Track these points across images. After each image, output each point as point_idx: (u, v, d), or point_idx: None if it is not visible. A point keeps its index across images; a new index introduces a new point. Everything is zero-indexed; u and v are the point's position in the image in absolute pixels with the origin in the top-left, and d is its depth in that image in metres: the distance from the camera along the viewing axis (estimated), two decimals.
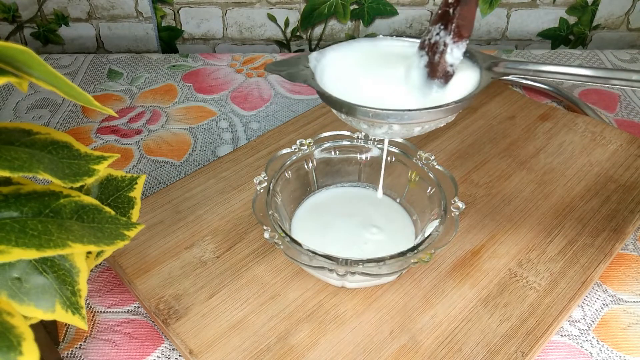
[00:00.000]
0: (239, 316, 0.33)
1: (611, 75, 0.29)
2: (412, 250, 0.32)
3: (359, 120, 0.31)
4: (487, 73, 0.32)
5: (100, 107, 0.22)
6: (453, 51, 0.30)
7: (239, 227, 0.39)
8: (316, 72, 0.32)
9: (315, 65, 0.33)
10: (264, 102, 0.55)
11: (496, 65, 0.32)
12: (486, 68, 0.32)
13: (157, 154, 0.49)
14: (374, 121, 0.30)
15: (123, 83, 0.58)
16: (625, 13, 0.66)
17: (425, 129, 0.32)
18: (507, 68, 0.32)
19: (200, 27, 0.66)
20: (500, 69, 0.32)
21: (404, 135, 0.32)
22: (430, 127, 0.32)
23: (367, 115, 0.29)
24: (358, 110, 0.29)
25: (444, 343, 0.32)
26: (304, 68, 0.32)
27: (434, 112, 0.29)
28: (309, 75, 0.32)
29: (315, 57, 0.33)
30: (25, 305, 0.22)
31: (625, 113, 0.55)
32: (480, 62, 0.32)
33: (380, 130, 0.31)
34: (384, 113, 0.29)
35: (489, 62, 0.32)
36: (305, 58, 0.33)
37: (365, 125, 0.31)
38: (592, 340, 0.35)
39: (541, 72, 0.31)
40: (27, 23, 0.65)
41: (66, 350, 0.34)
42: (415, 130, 0.31)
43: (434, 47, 0.30)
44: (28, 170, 0.21)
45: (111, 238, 0.24)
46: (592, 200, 0.41)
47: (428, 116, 0.29)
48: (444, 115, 0.30)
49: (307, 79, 0.32)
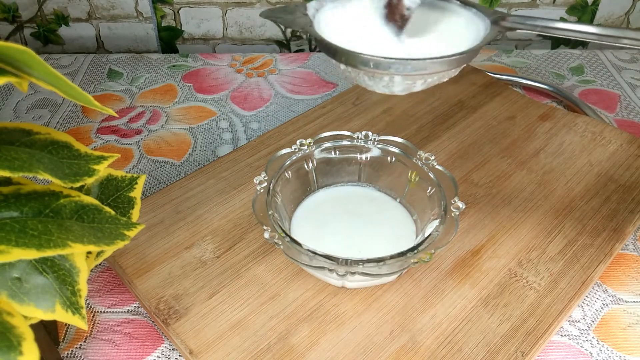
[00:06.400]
0: (239, 316, 0.33)
1: (621, 34, 0.28)
2: (412, 250, 0.32)
3: (358, 71, 0.29)
4: (493, 27, 0.30)
5: (100, 107, 0.22)
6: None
7: (239, 227, 0.39)
8: (314, 20, 0.31)
9: (314, 13, 0.32)
10: (264, 102, 0.55)
11: (503, 20, 0.31)
12: (493, 22, 0.31)
13: (157, 154, 0.49)
14: (375, 72, 0.28)
15: (123, 83, 0.58)
16: (625, 13, 0.66)
17: (428, 82, 0.30)
18: (515, 22, 0.30)
19: (200, 27, 0.66)
20: (507, 23, 0.30)
21: (406, 89, 0.30)
22: (434, 80, 0.30)
23: (367, 64, 0.28)
24: (358, 58, 0.28)
25: (444, 343, 0.32)
26: (301, 15, 0.31)
27: (439, 63, 0.28)
28: (307, 23, 0.30)
29: (314, 6, 0.32)
30: (25, 305, 0.22)
31: (625, 113, 0.55)
32: (486, 16, 0.31)
33: (381, 83, 0.30)
34: (386, 62, 0.28)
35: (495, 16, 0.31)
36: (304, 6, 0.32)
37: (366, 76, 0.30)
38: (592, 340, 0.35)
39: (549, 28, 0.30)
40: (27, 23, 0.65)
41: (66, 350, 0.34)
42: (417, 84, 0.30)
43: None
44: (28, 170, 0.21)
45: (111, 238, 0.24)
46: (592, 200, 0.41)
47: (432, 67, 0.28)
48: (448, 67, 0.29)
49: (305, 26, 0.30)
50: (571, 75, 0.60)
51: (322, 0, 0.33)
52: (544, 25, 0.30)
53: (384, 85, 0.30)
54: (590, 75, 0.60)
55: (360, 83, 0.31)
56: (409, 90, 0.31)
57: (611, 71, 0.61)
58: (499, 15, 0.31)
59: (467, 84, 0.53)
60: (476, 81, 0.54)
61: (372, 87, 0.31)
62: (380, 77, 0.29)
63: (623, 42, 0.28)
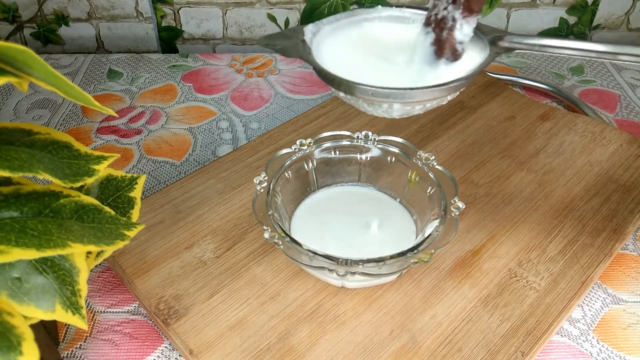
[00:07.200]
0: (239, 316, 0.33)
1: (619, 51, 0.28)
2: (412, 250, 0.32)
3: (357, 98, 0.29)
4: (491, 48, 0.30)
5: (100, 107, 0.22)
6: (463, 27, 0.28)
7: (239, 227, 0.39)
8: (312, 45, 0.31)
9: (312, 38, 0.31)
10: (264, 102, 0.55)
11: (501, 40, 0.30)
12: (490, 42, 0.30)
13: (157, 154, 0.49)
14: (374, 99, 0.28)
15: (123, 83, 0.58)
16: (625, 13, 0.66)
17: (427, 107, 0.30)
18: (513, 42, 0.30)
19: (200, 27, 0.66)
20: (505, 43, 0.30)
21: (406, 113, 0.30)
22: (432, 105, 0.30)
23: (366, 93, 0.28)
24: (357, 89, 0.28)
25: (444, 343, 0.32)
26: (299, 42, 0.30)
27: (436, 91, 0.28)
28: (305, 50, 0.30)
29: (311, 30, 0.31)
30: (25, 305, 0.22)
31: (625, 113, 0.55)
32: (484, 34, 0.31)
33: (380, 108, 0.30)
34: (384, 92, 0.28)
35: (493, 36, 0.30)
36: (301, 31, 0.31)
37: (365, 103, 0.30)
38: (592, 340, 0.35)
39: (547, 47, 0.29)
40: (27, 23, 0.65)
41: (66, 350, 0.34)
42: (416, 109, 0.30)
43: (441, 22, 0.28)
44: (28, 170, 0.21)
45: (111, 238, 0.24)
46: (592, 200, 0.41)
47: (430, 95, 0.28)
48: (446, 93, 0.29)
49: (303, 55, 0.30)
50: (571, 75, 0.60)
51: (320, 24, 0.32)
52: (542, 44, 0.29)
53: (383, 111, 0.30)
54: (590, 75, 0.60)
55: (360, 108, 0.31)
56: (408, 115, 0.31)
57: (611, 71, 0.61)
58: (497, 34, 0.30)
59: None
60: (476, 81, 0.54)
61: (371, 112, 0.31)
62: (380, 104, 0.29)
63: (621, 58, 0.28)
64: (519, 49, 0.30)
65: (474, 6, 0.27)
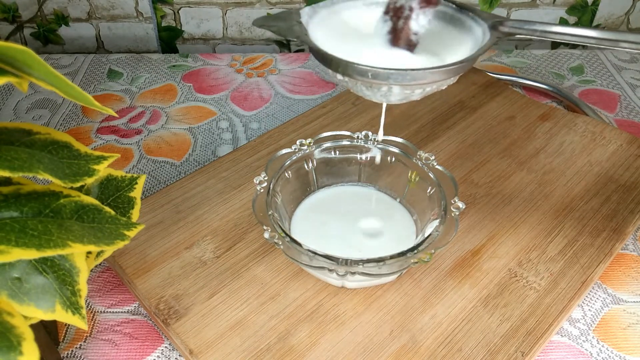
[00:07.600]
0: (239, 316, 0.33)
1: (620, 38, 0.28)
2: (412, 250, 0.32)
3: (355, 80, 0.29)
4: (492, 32, 0.30)
5: (100, 107, 0.22)
6: (419, 17, 0.28)
7: (239, 227, 0.39)
8: (309, 28, 0.30)
9: (308, 21, 0.31)
10: (264, 102, 0.55)
11: (501, 25, 0.30)
12: (491, 27, 0.30)
13: (157, 154, 0.49)
14: (373, 82, 0.28)
15: (123, 83, 0.58)
16: (625, 13, 0.66)
17: (426, 92, 0.30)
18: (513, 27, 0.30)
19: (200, 27, 0.66)
20: (506, 28, 0.30)
21: (405, 98, 0.30)
22: (432, 88, 0.30)
23: (365, 75, 0.27)
24: (356, 69, 0.27)
25: (444, 343, 0.32)
26: (295, 24, 0.30)
27: (437, 73, 0.28)
28: (302, 31, 0.30)
29: (307, 13, 0.31)
30: (25, 305, 0.22)
31: (625, 113, 0.55)
32: (484, 20, 0.31)
33: (379, 92, 0.29)
34: (384, 72, 0.27)
35: (493, 21, 0.30)
36: (297, 13, 0.31)
37: (363, 86, 0.29)
38: (592, 340, 0.35)
39: (548, 33, 0.29)
40: (27, 23, 0.65)
41: (66, 350, 0.34)
42: (415, 93, 0.29)
43: (398, 11, 0.28)
44: (28, 170, 0.21)
45: (111, 238, 0.24)
46: (592, 200, 0.41)
47: (431, 76, 0.28)
48: (446, 76, 0.28)
49: (300, 35, 0.29)
50: (571, 75, 0.60)
51: (316, 7, 0.32)
52: (543, 29, 0.29)
53: (382, 94, 0.29)
54: (590, 75, 0.60)
55: (357, 92, 0.31)
56: (407, 100, 0.30)
57: (611, 71, 0.61)
58: (497, 19, 0.30)
59: (467, 83, 0.53)
60: (476, 81, 0.54)
61: (369, 97, 0.30)
62: (378, 87, 0.29)
63: (622, 45, 0.28)
64: (519, 33, 0.30)
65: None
